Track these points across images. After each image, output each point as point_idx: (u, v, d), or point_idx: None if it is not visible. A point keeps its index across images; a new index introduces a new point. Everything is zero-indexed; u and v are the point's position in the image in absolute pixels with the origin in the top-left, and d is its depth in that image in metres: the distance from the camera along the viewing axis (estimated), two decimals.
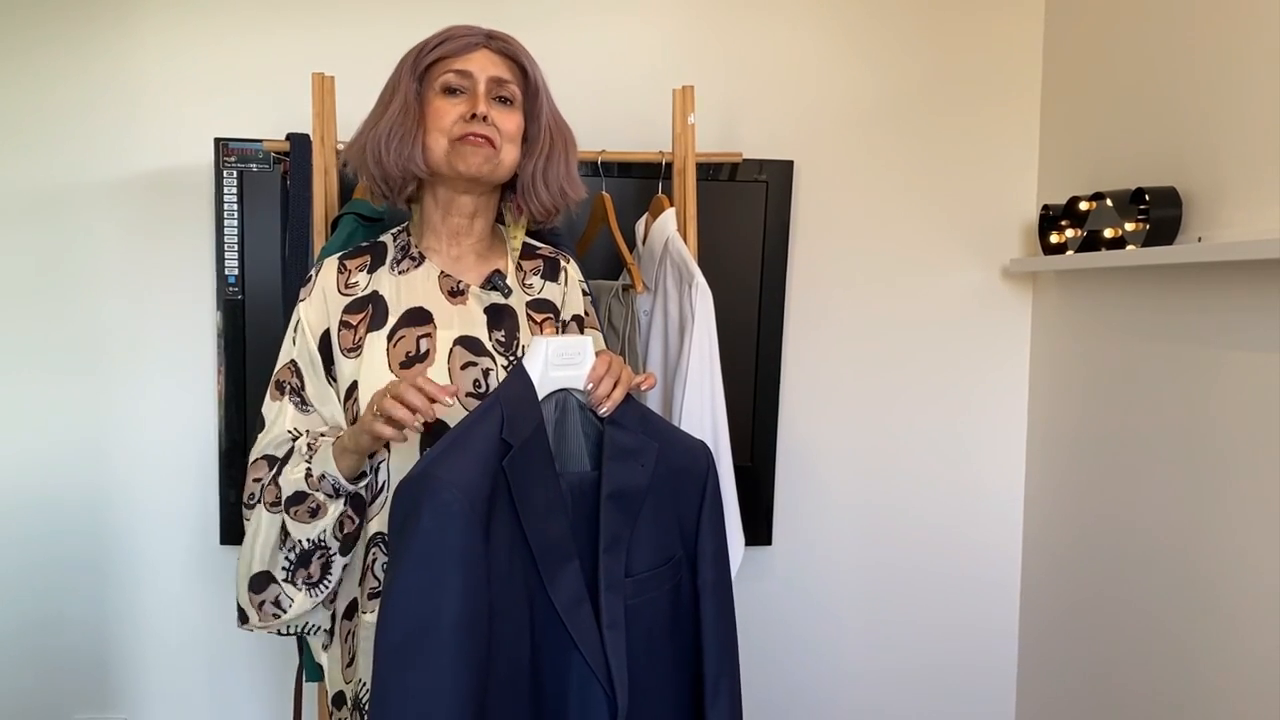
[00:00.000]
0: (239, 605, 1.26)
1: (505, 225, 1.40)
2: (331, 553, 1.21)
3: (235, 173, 1.95)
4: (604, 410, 1.11)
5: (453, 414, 1.19)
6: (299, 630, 1.28)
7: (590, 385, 1.12)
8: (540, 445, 1.06)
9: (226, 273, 1.97)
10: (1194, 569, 1.63)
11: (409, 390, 1.06)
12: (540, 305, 1.34)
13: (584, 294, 1.42)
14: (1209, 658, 1.59)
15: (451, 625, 0.96)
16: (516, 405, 1.05)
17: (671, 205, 1.77)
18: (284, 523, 1.20)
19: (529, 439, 1.04)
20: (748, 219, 2.06)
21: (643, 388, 1.16)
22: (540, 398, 1.08)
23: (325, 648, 1.32)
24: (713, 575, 1.17)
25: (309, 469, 1.18)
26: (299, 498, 1.18)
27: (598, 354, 1.13)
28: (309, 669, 1.58)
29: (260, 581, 1.22)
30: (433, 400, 1.06)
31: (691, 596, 1.17)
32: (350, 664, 1.27)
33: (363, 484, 1.20)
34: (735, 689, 1.18)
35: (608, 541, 1.08)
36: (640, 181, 1.93)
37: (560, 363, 1.10)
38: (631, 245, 1.88)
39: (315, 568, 1.21)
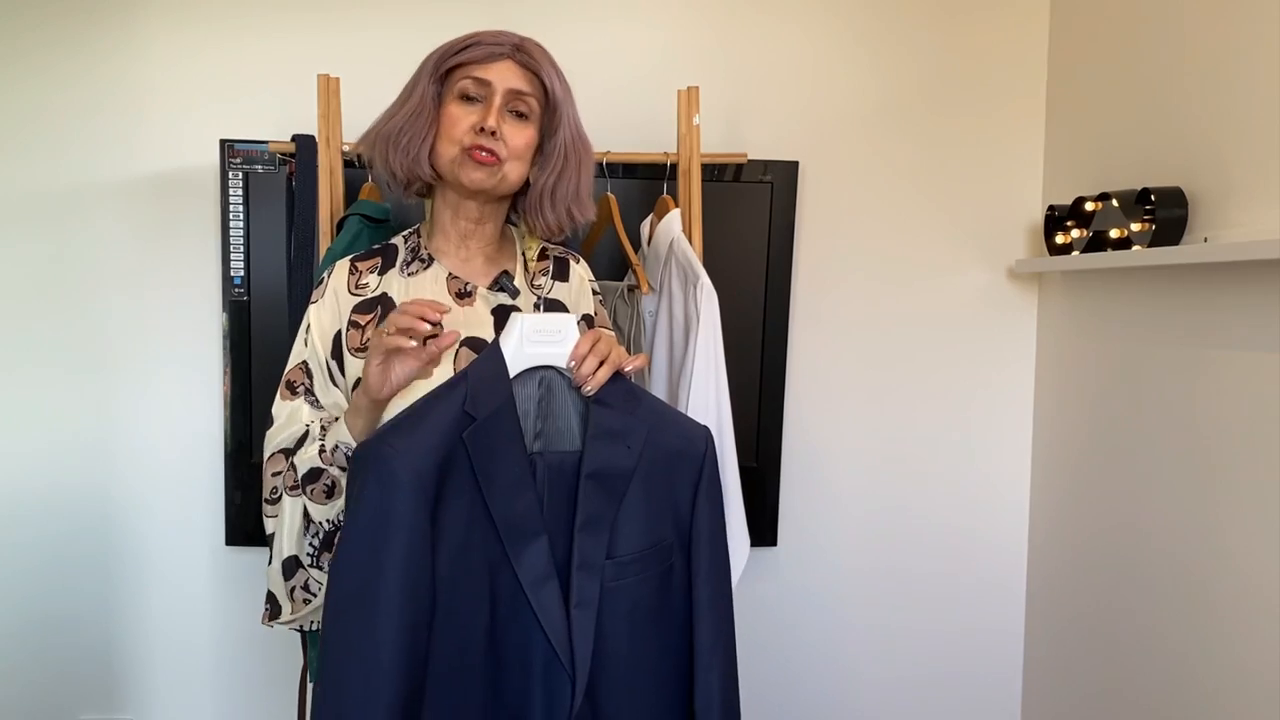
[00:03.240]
0: (271, 598, 1.26)
1: (516, 226, 1.40)
2: None
3: (241, 174, 1.95)
4: (587, 389, 1.11)
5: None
6: (315, 625, 1.28)
7: (573, 363, 1.12)
8: (507, 420, 1.06)
9: (232, 274, 1.97)
10: (1201, 572, 1.63)
11: (410, 306, 1.10)
12: (550, 305, 1.34)
13: (594, 294, 1.42)
14: (1216, 663, 1.59)
15: (389, 586, 0.98)
16: (484, 380, 1.06)
17: (676, 206, 1.77)
18: (304, 506, 1.21)
19: (494, 413, 1.05)
20: (753, 220, 2.06)
21: (627, 369, 1.15)
22: (514, 374, 1.08)
23: None
24: (707, 560, 1.16)
25: (322, 445, 1.19)
26: (313, 475, 1.20)
27: (587, 332, 1.13)
28: (314, 669, 1.58)
29: (290, 567, 1.24)
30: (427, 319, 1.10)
31: (685, 582, 1.16)
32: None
33: None
34: (728, 678, 1.17)
35: (584, 520, 1.08)
36: (645, 182, 1.93)
37: (537, 339, 1.10)
38: (636, 246, 1.89)
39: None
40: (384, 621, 0.98)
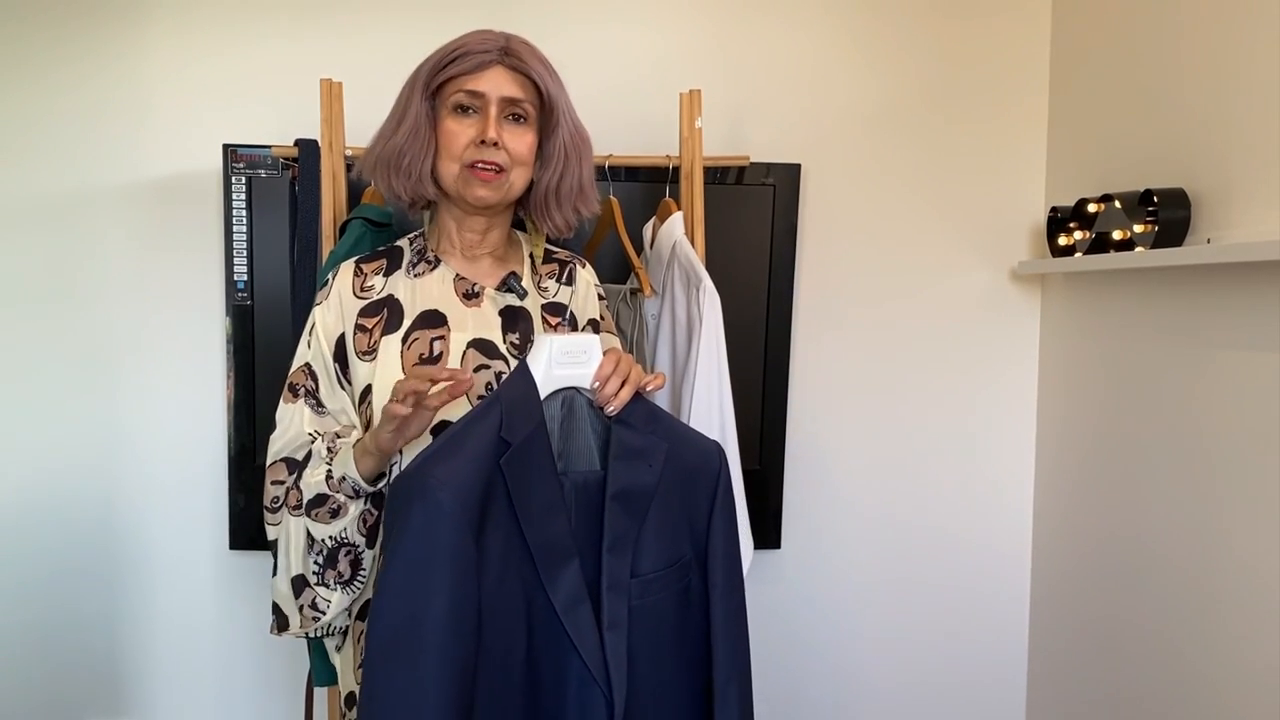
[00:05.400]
0: (277, 610, 1.26)
1: (525, 231, 1.40)
2: (360, 549, 1.22)
3: (244, 178, 1.95)
4: (610, 409, 1.11)
5: (459, 412, 1.19)
6: (326, 631, 1.28)
7: (596, 384, 1.11)
8: (540, 444, 1.06)
9: (235, 278, 1.97)
10: (1206, 574, 1.63)
11: (420, 372, 1.09)
12: (555, 308, 1.34)
13: (600, 298, 1.42)
14: (1221, 666, 1.59)
15: (437, 624, 0.96)
16: (516, 404, 1.05)
17: (679, 209, 1.77)
18: (306, 526, 1.21)
19: (528, 438, 1.04)
20: (755, 222, 2.06)
21: (649, 388, 1.15)
22: (544, 396, 1.08)
23: (338, 649, 1.32)
24: (723, 577, 1.16)
25: (329, 471, 1.19)
26: (320, 500, 1.19)
27: (606, 352, 1.13)
28: (319, 673, 1.58)
29: (298, 585, 1.23)
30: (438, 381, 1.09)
31: (702, 598, 1.16)
32: (362, 665, 1.28)
33: (381, 484, 1.21)
34: (746, 693, 1.17)
35: (611, 541, 1.08)
36: (647, 185, 1.93)
37: (565, 361, 1.09)
38: (639, 249, 1.89)
39: (344, 565, 1.22)
40: (432, 660, 0.95)
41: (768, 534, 2.12)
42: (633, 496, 1.10)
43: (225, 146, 1.96)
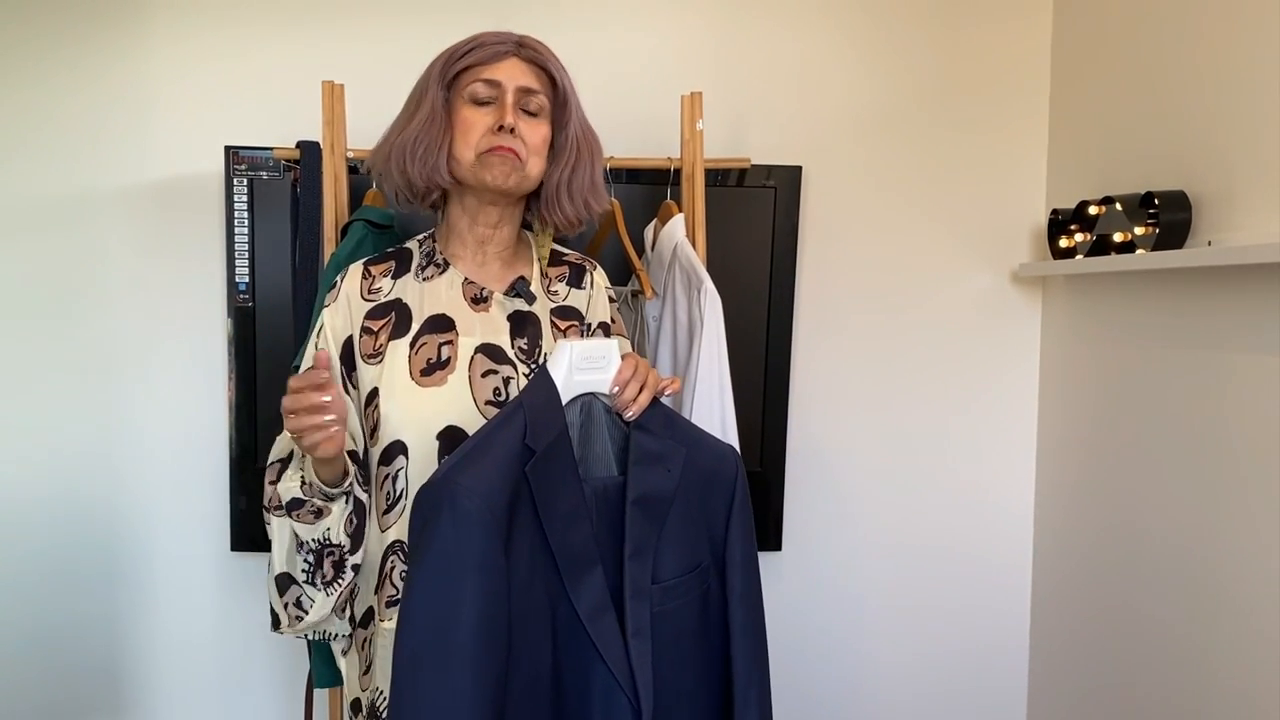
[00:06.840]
0: (271, 609, 1.25)
1: (533, 232, 1.40)
2: (345, 550, 1.20)
3: (246, 180, 1.96)
4: (630, 414, 1.10)
5: (472, 421, 1.19)
6: (322, 635, 1.28)
7: (616, 389, 1.11)
8: (564, 451, 1.05)
9: (237, 280, 1.98)
10: (1207, 575, 1.63)
11: (290, 400, 1.06)
12: (565, 312, 1.34)
13: (610, 300, 1.41)
14: (1223, 665, 1.59)
15: (468, 633, 0.94)
16: (540, 410, 1.04)
17: (680, 211, 1.78)
18: (292, 526, 1.20)
19: (552, 444, 1.03)
20: (756, 224, 2.06)
21: (667, 392, 1.15)
22: (565, 402, 1.07)
23: (344, 653, 1.32)
24: (741, 582, 1.15)
25: (304, 476, 1.17)
26: (297, 504, 1.18)
27: (623, 357, 1.12)
28: (319, 675, 1.59)
29: (283, 583, 1.22)
30: (317, 388, 1.05)
31: (720, 604, 1.15)
32: (366, 672, 1.27)
33: (346, 485, 1.18)
34: (765, 699, 1.16)
35: (633, 548, 1.07)
36: (648, 188, 1.94)
37: (585, 366, 1.09)
38: (640, 251, 1.89)
39: (328, 567, 1.21)
40: (465, 672, 0.93)
41: (769, 536, 2.12)
42: (653, 502, 1.09)
43: (227, 148, 1.96)
